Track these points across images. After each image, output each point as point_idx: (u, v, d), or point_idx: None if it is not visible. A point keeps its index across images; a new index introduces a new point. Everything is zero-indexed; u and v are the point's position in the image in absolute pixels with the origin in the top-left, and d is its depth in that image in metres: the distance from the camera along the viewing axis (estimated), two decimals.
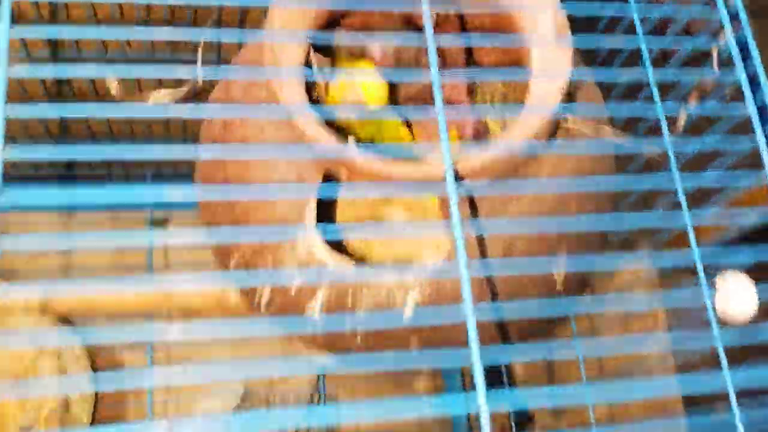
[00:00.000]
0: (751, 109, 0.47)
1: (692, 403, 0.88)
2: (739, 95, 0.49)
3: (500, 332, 0.52)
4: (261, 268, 0.54)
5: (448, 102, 0.63)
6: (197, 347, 1.00)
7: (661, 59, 0.57)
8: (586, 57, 0.56)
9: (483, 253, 0.51)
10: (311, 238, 0.51)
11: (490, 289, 0.52)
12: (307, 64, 0.51)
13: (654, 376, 1.15)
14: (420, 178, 0.45)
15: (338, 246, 0.53)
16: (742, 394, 0.42)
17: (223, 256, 0.58)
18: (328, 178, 0.51)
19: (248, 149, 0.53)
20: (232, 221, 0.55)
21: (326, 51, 0.56)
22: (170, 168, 1.08)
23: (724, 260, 0.46)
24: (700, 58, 0.50)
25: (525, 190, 0.51)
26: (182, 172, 1.10)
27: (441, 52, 0.58)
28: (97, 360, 1.00)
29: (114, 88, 0.40)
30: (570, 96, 0.50)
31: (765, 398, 0.43)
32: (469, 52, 0.62)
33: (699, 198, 0.54)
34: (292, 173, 0.51)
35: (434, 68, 0.42)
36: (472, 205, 0.47)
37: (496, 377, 1.11)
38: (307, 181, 0.51)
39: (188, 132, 0.97)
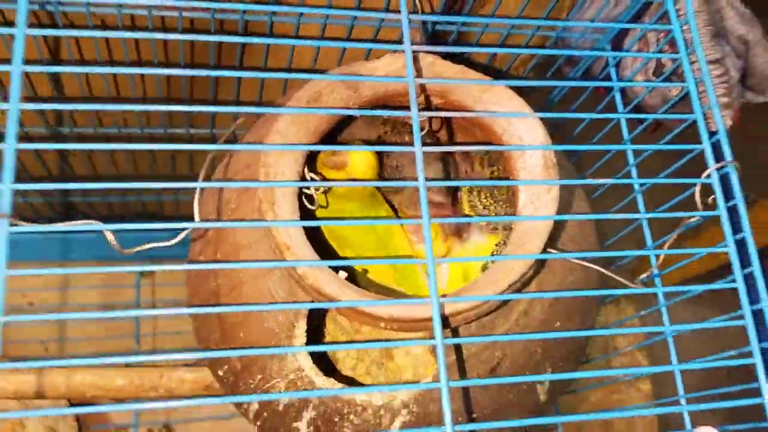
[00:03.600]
0: (730, 249, 0.48)
1: None
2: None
3: None
4: (249, 381, 0.54)
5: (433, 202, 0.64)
6: None
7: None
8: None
9: (468, 372, 0.52)
10: (300, 357, 0.52)
11: (474, 410, 0.53)
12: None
13: None
14: (408, 320, 0.46)
15: (327, 367, 0.54)
16: None
17: (214, 365, 0.59)
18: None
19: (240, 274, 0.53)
20: (221, 333, 0.56)
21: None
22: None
23: None
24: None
25: (509, 315, 0.52)
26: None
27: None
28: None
29: None
30: (557, 227, 0.51)
31: None
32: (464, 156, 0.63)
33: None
34: (283, 290, 0.52)
35: (425, 210, 0.43)
36: (458, 332, 0.48)
37: None
38: (298, 298, 0.51)
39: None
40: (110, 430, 1.04)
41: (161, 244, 0.47)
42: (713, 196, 0.49)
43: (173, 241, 0.48)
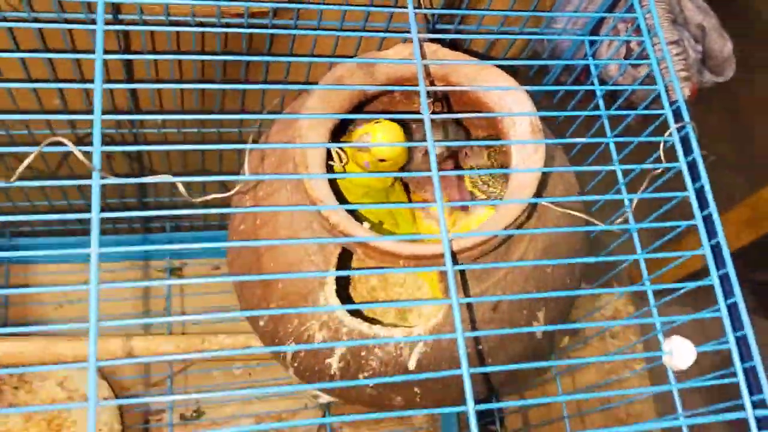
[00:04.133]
0: (690, 193, 0.58)
1: None
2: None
3: (488, 378, 0.62)
4: (287, 325, 0.64)
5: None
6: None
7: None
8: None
9: (473, 311, 0.61)
10: (331, 300, 0.61)
11: (480, 342, 0.62)
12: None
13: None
14: (423, 255, 0.55)
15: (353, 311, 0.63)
16: None
17: (253, 318, 0.68)
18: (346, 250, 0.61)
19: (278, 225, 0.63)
20: (263, 287, 0.65)
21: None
22: (187, 221, 1.18)
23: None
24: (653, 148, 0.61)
25: (511, 254, 0.62)
26: (197, 225, 1.20)
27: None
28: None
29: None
30: (544, 180, 0.61)
31: None
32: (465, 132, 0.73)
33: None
34: (314, 245, 0.62)
35: (434, 168, 0.53)
36: (464, 275, 0.57)
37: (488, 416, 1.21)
38: (329, 252, 0.61)
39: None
40: (147, 413, 1.12)
41: (220, 195, 0.55)
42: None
43: (230, 193, 0.58)
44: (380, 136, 0.64)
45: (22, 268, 1.16)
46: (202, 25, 0.68)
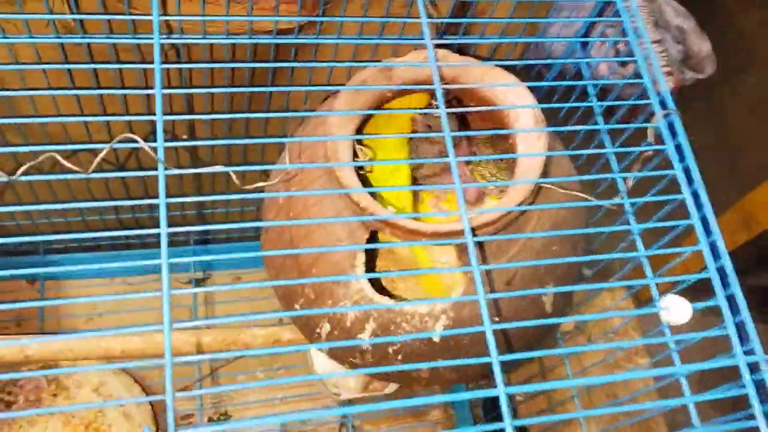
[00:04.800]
0: (677, 171, 0.65)
1: None
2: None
3: (506, 343, 0.68)
4: (322, 307, 0.70)
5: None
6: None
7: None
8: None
9: (491, 284, 0.68)
10: (361, 281, 0.68)
11: (496, 311, 0.69)
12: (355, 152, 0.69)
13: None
14: (444, 232, 0.62)
15: (381, 290, 0.70)
16: None
17: (289, 301, 0.74)
18: (373, 234, 0.68)
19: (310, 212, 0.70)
20: (298, 273, 0.72)
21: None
22: (209, 234, 1.25)
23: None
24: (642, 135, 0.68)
25: (518, 240, 0.69)
26: (219, 239, 1.27)
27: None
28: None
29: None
30: (547, 167, 0.68)
31: None
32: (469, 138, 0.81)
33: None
34: (344, 232, 0.69)
35: (452, 153, 0.60)
36: (482, 250, 0.65)
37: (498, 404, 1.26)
38: (357, 238, 0.68)
39: None
40: (176, 416, 1.18)
41: (264, 183, 0.62)
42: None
43: (274, 181, 0.65)
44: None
45: (54, 284, 1.23)
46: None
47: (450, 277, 0.72)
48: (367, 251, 0.70)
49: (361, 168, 0.72)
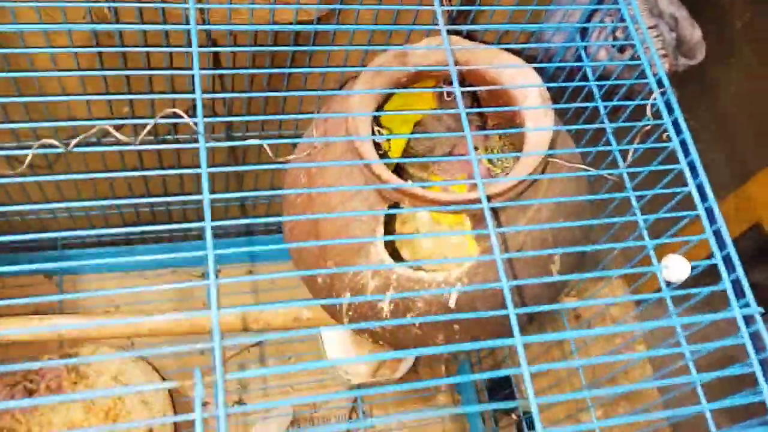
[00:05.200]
0: (675, 144, 0.71)
1: None
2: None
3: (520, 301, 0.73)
4: (344, 278, 0.75)
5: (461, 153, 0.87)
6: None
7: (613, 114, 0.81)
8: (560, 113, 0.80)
9: (505, 249, 0.72)
10: (381, 252, 0.72)
11: (510, 274, 0.73)
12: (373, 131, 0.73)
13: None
14: (460, 201, 0.67)
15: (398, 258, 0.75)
16: None
17: (312, 278, 0.79)
18: (392, 207, 0.73)
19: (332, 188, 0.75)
20: (320, 249, 0.76)
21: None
22: (222, 229, 1.29)
23: None
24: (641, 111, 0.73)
25: (526, 213, 0.74)
26: (231, 231, 1.31)
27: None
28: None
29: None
30: (553, 143, 0.73)
31: None
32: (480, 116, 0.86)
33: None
34: (364, 206, 0.73)
35: (467, 128, 0.65)
36: (497, 217, 0.69)
37: (505, 385, 1.32)
38: (377, 208, 0.72)
39: None
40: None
41: (293, 156, 0.67)
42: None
43: (306, 152, 0.69)
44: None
45: (71, 278, 1.27)
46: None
47: (464, 250, 0.77)
48: (385, 229, 0.74)
49: (378, 148, 0.77)
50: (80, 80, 0.77)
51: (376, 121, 0.78)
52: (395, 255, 0.78)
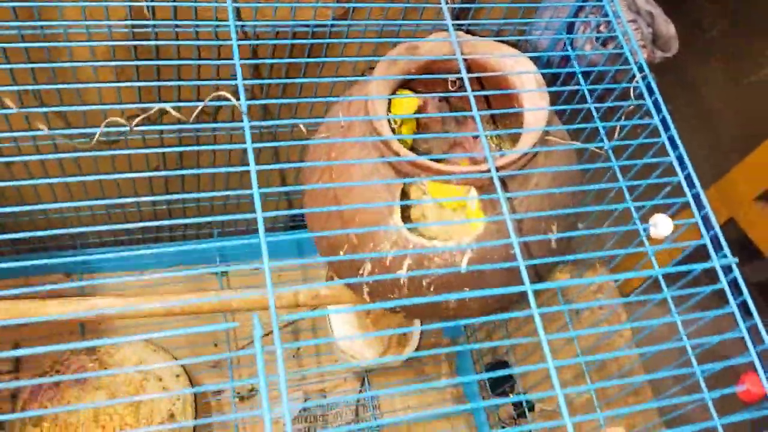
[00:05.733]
0: (656, 121, 0.80)
1: None
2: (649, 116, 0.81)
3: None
4: (365, 249, 0.83)
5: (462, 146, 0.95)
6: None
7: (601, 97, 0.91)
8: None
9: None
10: (398, 221, 0.81)
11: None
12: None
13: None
14: (472, 171, 0.76)
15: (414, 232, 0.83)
16: None
17: (334, 249, 0.87)
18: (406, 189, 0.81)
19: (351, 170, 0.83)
20: (341, 223, 0.84)
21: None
22: (232, 226, 1.36)
23: None
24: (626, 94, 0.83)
25: (527, 186, 0.82)
26: (240, 230, 1.39)
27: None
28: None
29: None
30: (548, 123, 0.82)
31: None
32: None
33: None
34: (382, 186, 0.82)
35: (474, 108, 0.74)
36: (504, 186, 0.78)
37: (504, 380, 1.40)
38: (393, 189, 0.81)
39: None
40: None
41: (323, 136, 0.75)
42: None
43: (325, 134, 0.77)
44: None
45: (89, 276, 1.33)
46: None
47: (471, 226, 0.85)
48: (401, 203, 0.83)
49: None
50: (114, 73, 0.85)
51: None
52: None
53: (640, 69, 0.83)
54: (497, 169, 0.74)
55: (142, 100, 0.83)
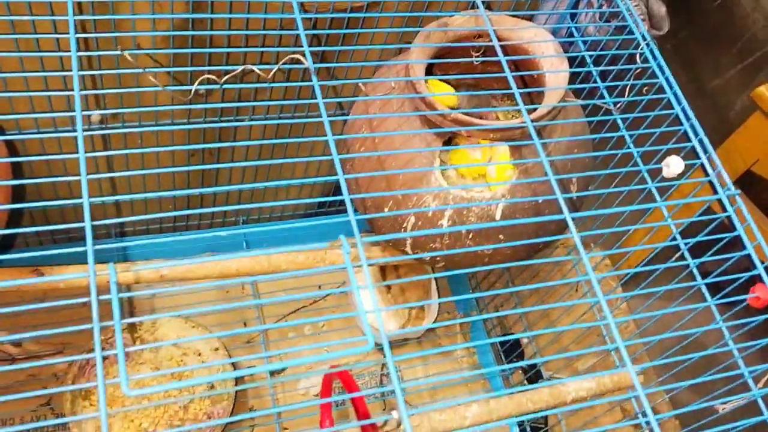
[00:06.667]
0: (661, 80, 0.92)
1: None
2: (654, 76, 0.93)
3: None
4: (409, 203, 0.93)
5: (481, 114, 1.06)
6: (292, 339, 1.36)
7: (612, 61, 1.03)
8: None
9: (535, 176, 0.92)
10: (440, 178, 0.91)
11: (540, 191, 0.92)
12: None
13: None
14: (508, 126, 0.86)
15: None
16: None
17: (379, 206, 0.96)
18: (446, 143, 0.91)
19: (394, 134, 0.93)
20: (386, 183, 0.94)
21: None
22: (256, 213, 1.45)
23: None
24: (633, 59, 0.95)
25: (558, 128, 0.93)
26: (264, 217, 1.47)
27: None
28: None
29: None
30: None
31: None
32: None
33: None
34: (423, 143, 0.92)
35: (507, 70, 0.84)
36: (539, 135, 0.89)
37: (515, 348, 1.50)
38: (434, 145, 0.91)
39: None
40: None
41: (363, 98, 0.85)
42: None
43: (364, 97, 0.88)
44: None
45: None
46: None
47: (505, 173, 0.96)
48: (441, 161, 0.93)
49: None
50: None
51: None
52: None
53: (644, 38, 0.95)
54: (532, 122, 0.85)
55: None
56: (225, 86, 0.71)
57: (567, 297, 1.50)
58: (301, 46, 0.78)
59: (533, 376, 1.49)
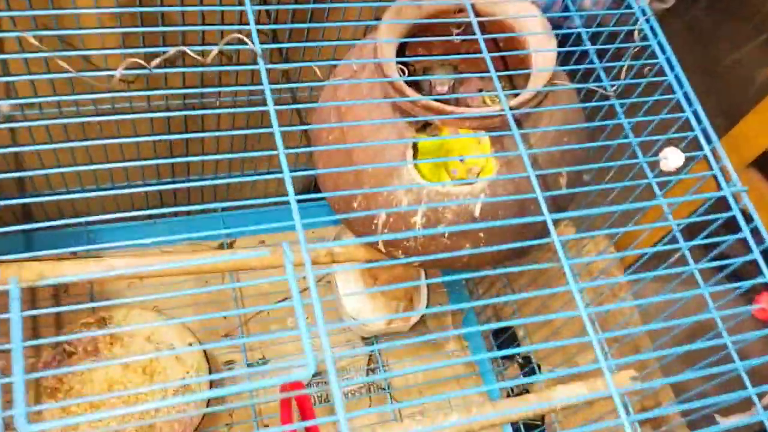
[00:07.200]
0: (662, 60, 0.82)
1: None
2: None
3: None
4: (379, 198, 0.84)
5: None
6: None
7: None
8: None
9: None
10: (412, 172, 0.82)
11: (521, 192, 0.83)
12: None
13: None
14: (484, 114, 0.77)
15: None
16: None
17: (348, 202, 0.88)
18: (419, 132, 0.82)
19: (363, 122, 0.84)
20: (355, 175, 0.86)
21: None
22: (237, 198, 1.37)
23: None
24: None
25: (547, 115, 0.84)
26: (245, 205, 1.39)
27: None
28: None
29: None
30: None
31: None
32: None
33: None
34: (394, 134, 0.83)
35: (485, 50, 0.75)
36: (519, 125, 0.79)
37: (510, 339, 1.42)
38: (406, 135, 0.82)
39: None
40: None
41: (336, 81, 0.76)
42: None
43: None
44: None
45: (95, 255, 1.34)
46: None
47: (486, 164, 0.87)
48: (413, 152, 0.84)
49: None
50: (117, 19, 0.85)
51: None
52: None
53: (644, 12, 0.85)
54: (510, 109, 0.76)
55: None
56: (154, 71, 0.62)
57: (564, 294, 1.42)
58: (247, 24, 0.69)
59: (529, 371, 1.41)
